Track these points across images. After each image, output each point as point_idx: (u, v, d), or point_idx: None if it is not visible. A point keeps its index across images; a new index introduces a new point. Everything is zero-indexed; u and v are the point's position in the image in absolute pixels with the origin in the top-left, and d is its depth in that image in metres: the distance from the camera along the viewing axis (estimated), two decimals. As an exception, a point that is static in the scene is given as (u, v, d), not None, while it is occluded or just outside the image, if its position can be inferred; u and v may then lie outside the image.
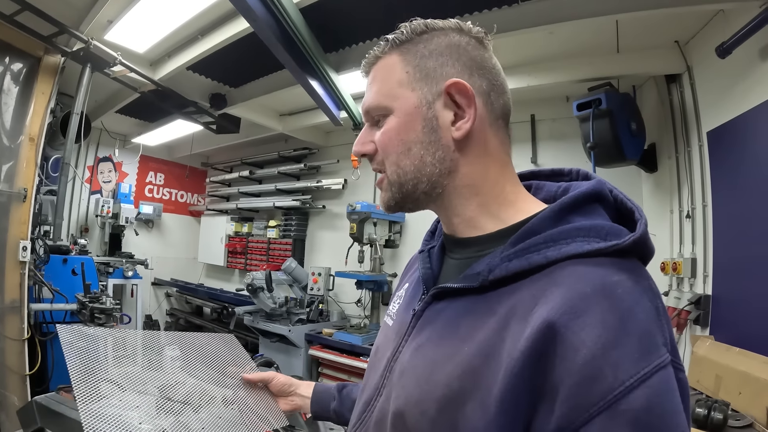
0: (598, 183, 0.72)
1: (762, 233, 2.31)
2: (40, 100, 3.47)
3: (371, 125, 0.81)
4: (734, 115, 2.57)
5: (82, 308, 2.99)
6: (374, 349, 0.94)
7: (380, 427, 0.77)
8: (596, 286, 0.58)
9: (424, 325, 0.77)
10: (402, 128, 0.76)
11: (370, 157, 0.81)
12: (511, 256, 0.67)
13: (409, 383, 0.72)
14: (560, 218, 0.69)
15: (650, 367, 0.53)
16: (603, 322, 0.55)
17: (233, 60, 3.80)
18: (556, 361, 0.56)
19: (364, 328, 4.32)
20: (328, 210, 5.76)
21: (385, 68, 0.78)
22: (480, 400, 0.60)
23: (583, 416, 0.53)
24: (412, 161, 0.75)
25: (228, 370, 1.32)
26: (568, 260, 0.63)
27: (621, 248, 0.63)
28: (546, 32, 2.91)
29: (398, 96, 0.76)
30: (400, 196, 0.78)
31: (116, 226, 5.99)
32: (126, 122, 5.81)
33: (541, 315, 0.58)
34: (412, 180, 0.76)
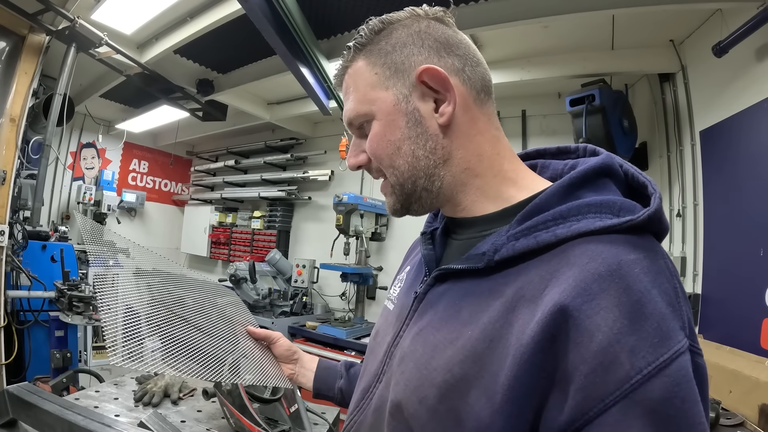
0: (608, 157, 0.69)
1: (752, 234, 2.32)
2: (23, 80, 3.37)
3: (358, 137, 0.80)
4: (728, 115, 2.57)
5: (60, 296, 2.91)
6: (374, 334, 0.91)
7: (378, 415, 0.74)
8: (611, 266, 0.55)
9: (425, 308, 0.74)
10: (387, 129, 0.74)
11: (367, 167, 0.80)
12: (518, 234, 0.64)
13: (408, 369, 0.69)
14: (569, 194, 0.66)
15: (669, 354, 0.50)
16: (619, 306, 0.52)
17: (222, 45, 3.72)
18: (569, 347, 0.53)
19: (349, 322, 4.28)
20: (313, 201, 5.71)
21: (354, 75, 0.77)
22: (484, 388, 0.58)
23: (597, 406, 0.50)
24: (405, 159, 0.74)
25: (236, 318, 1.29)
26: (579, 238, 0.60)
27: (635, 224, 0.59)
28: (540, 26, 2.90)
29: (374, 99, 0.74)
30: (404, 197, 0.76)
31: (98, 214, 5.86)
32: (110, 107, 5.69)
33: (552, 298, 0.55)
34: (410, 178, 0.74)
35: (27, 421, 1.33)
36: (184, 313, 1.17)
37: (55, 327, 2.96)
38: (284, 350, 1.24)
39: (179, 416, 1.77)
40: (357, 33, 0.76)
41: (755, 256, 2.26)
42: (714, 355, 2.29)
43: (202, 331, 1.12)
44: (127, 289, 1.21)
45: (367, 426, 0.78)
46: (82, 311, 2.85)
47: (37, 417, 1.28)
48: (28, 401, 1.30)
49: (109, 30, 3.53)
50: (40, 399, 1.31)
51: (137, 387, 1.99)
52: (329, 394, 1.19)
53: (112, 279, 1.24)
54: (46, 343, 3.05)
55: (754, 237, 2.29)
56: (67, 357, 2.87)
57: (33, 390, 1.38)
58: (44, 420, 1.26)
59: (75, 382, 2.61)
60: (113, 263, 1.44)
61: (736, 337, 2.32)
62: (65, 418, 1.21)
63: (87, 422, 1.20)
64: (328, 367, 1.23)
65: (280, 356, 1.24)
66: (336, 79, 0.81)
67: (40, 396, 1.33)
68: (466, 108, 0.73)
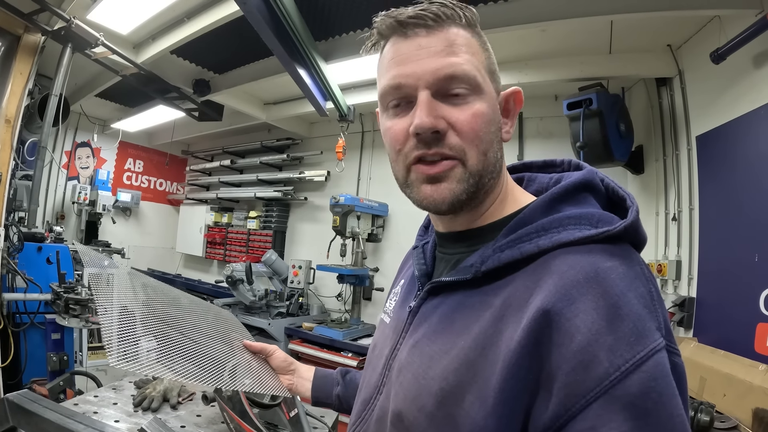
0: (589, 172, 0.73)
1: (748, 239, 2.34)
2: (18, 81, 3.34)
3: (437, 97, 0.69)
4: (725, 121, 2.59)
5: (56, 298, 2.89)
6: (372, 347, 0.94)
7: (380, 425, 0.77)
8: (588, 273, 0.58)
9: (420, 321, 0.77)
10: (491, 116, 0.71)
11: (433, 138, 0.68)
12: (503, 246, 0.68)
13: (407, 380, 0.72)
14: (551, 208, 0.69)
15: (645, 351, 0.53)
16: (596, 309, 0.55)
17: (219, 45, 3.71)
18: (552, 348, 0.56)
19: (345, 323, 4.28)
20: (309, 202, 5.70)
21: (467, 41, 0.70)
22: (478, 393, 0.60)
23: (579, 402, 0.53)
24: (494, 154, 0.72)
25: (231, 334, 1.30)
26: (560, 248, 0.63)
27: (612, 234, 0.63)
28: (538, 30, 2.90)
29: (486, 80, 0.71)
30: (475, 189, 0.71)
31: (93, 214, 5.84)
32: (106, 107, 5.66)
33: (536, 304, 0.59)
34: (491, 173, 0.72)
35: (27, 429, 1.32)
36: (181, 328, 1.18)
37: (51, 330, 2.94)
38: (281, 362, 1.25)
39: (179, 421, 1.76)
40: (458, 5, 0.71)
41: (750, 260, 2.28)
42: (708, 358, 2.31)
43: (199, 344, 1.13)
44: (122, 290, 1.22)
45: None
46: (79, 314, 2.83)
47: (37, 425, 1.27)
48: (28, 409, 1.30)
49: (105, 30, 3.51)
50: (40, 407, 1.31)
51: (136, 391, 1.98)
52: (327, 401, 1.22)
53: (107, 280, 1.25)
54: (43, 345, 3.03)
55: (750, 242, 2.31)
56: (64, 360, 2.86)
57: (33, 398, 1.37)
58: (45, 428, 1.25)
59: (71, 384, 2.60)
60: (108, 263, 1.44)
61: (730, 341, 2.34)
62: (66, 426, 1.21)
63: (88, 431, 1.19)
64: (325, 376, 1.25)
65: (278, 368, 1.25)
66: (434, 18, 0.69)
67: (40, 404, 1.33)
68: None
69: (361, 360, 3.66)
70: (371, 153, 5.16)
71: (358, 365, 3.62)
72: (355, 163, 5.16)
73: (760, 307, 2.18)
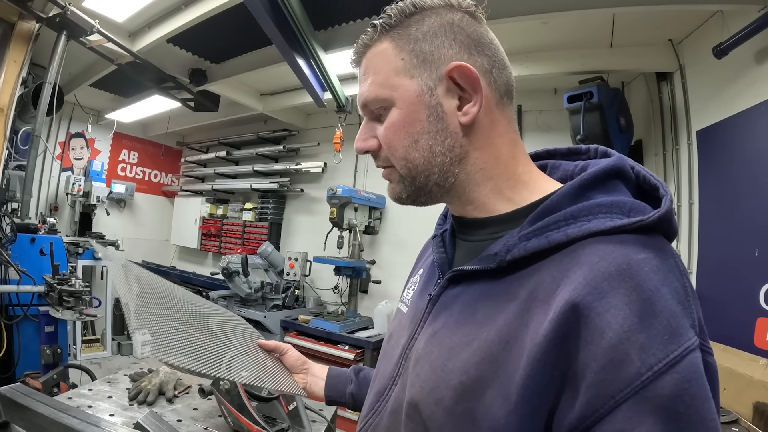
0: (619, 159, 0.69)
1: (748, 233, 2.33)
2: (12, 69, 3.29)
3: (370, 119, 0.77)
4: (725, 116, 2.58)
5: (50, 290, 2.85)
6: (387, 337, 0.91)
7: (395, 417, 0.74)
8: (620, 265, 0.55)
9: (440, 310, 0.74)
10: (406, 120, 0.72)
11: (374, 153, 0.77)
12: (530, 234, 0.64)
13: (424, 371, 0.69)
14: (580, 195, 0.66)
15: (679, 351, 0.50)
16: (629, 304, 0.52)
17: (216, 34, 3.67)
18: (580, 345, 0.53)
19: (342, 316, 4.27)
20: (306, 194, 5.67)
21: (377, 57, 0.73)
22: (500, 389, 0.58)
23: (608, 403, 0.50)
24: (421, 153, 0.72)
25: (245, 334, 1.28)
26: (589, 238, 0.60)
27: (645, 224, 0.59)
28: (540, 21, 2.88)
29: (397, 86, 0.72)
30: (413, 189, 0.75)
31: (87, 205, 5.79)
32: (100, 97, 5.59)
33: (563, 297, 0.56)
34: (423, 172, 0.73)
35: (20, 424, 1.29)
36: (198, 323, 1.16)
37: (44, 322, 2.91)
38: (294, 360, 1.22)
39: (175, 415, 1.74)
40: (384, 12, 0.73)
41: (750, 255, 2.27)
42: (709, 353, 2.31)
43: (216, 340, 1.11)
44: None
45: (383, 428, 0.78)
46: (73, 306, 2.80)
47: (31, 420, 1.24)
48: (21, 404, 1.27)
49: (100, 17, 3.47)
50: (33, 401, 1.28)
51: (131, 385, 1.96)
52: (341, 400, 1.19)
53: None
54: (36, 338, 3.00)
55: (750, 237, 2.31)
56: (57, 353, 2.83)
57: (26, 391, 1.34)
58: (39, 423, 1.22)
59: (65, 377, 2.57)
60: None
61: (730, 335, 2.33)
62: (60, 421, 1.18)
63: (83, 426, 1.17)
64: (338, 374, 1.22)
65: (291, 366, 1.22)
66: (355, 56, 0.77)
67: (33, 398, 1.30)
68: (488, 110, 0.71)
69: (358, 353, 3.65)
70: (368, 145, 5.11)
71: (356, 358, 3.61)
72: (352, 155, 5.12)
73: (760, 302, 2.18)
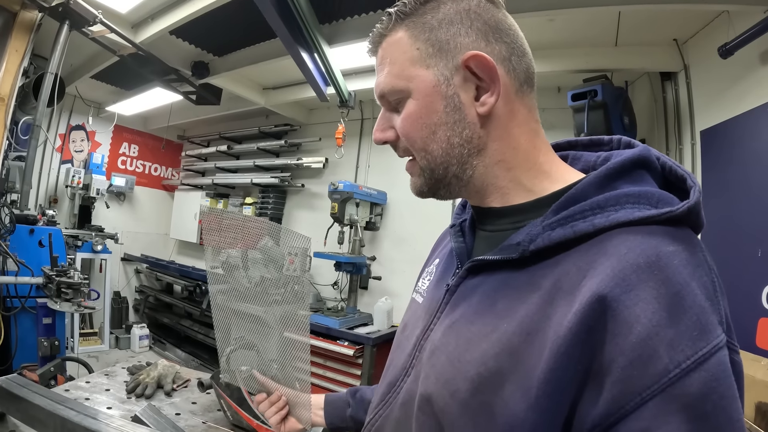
0: (645, 149, 0.67)
1: (751, 234, 2.33)
2: (13, 58, 3.27)
3: (388, 110, 0.76)
4: (729, 116, 2.58)
5: (48, 282, 2.84)
6: (401, 327, 0.89)
7: (406, 409, 0.72)
8: (650, 257, 0.53)
9: (458, 301, 0.72)
10: (423, 111, 0.70)
11: (393, 144, 0.77)
12: (554, 224, 0.62)
13: (440, 362, 0.67)
14: (606, 185, 0.64)
15: (708, 348, 0.49)
16: (658, 298, 0.50)
17: (220, 27, 3.65)
18: (606, 338, 0.51)
19: (341, 311, 4.25)
20: (306, 189, 5.65)
21: (393, 47, 0.72)
22: (520, 382, 0.56)
23: (634, 400, 0.49)
24: (439, 145, 0.70)
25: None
26: (617, 228, 0.58)
27: (675, 216, 0.58)
28: (546, 18, 2.87)
29: (413, 76, 0.70)
30: (433, 182, 0.74)
31: (87, 198, 5.77)
32: (102, 89, 5.57)
33: (590, 288, 0.54)
34: (442, 164, 0.72)
35: (16, 415, 1.28)
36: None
37: (42, 314, 2.90)
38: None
39: (173, 408, 1.74)
40: (392, 9, 0.72)
41: (753, 256, 2.27)
42: (710, 354, 2.31)
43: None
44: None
45: (393, 420, 0.76)
46: (71, 298, 2.79)
47: (27, 412, 1.23)
48: (17, 395, 1.25)
49: (103, 8, 3.44)
50: (30, 393, 1.27)
51: (129, 378, 1.95)
52: (343, 425, 1.15)
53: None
54: (34, 330, 2.98)
55: (753, 237, 2.30)
56: (55, 345, 2.82)
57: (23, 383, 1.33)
58: (35, 415, 1.21)
59: (62, 370, 2.56)
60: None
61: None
62: (57, 413, 1.17)
63: (80, 418, 1.16)
64: (335, 400, 1.18)
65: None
66: (371, 46, 0.76)
67: (30, 389, 1.29)
68: (507, 99, 0.69)
69: (357, 349, 3.63)
70: (370, 141, 5.08)
71: (355, 354, 3.60)
72: (353, 150, 5.11)
73: (762, 302, 2.18)
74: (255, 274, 1.40)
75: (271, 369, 1.23)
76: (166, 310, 6.28)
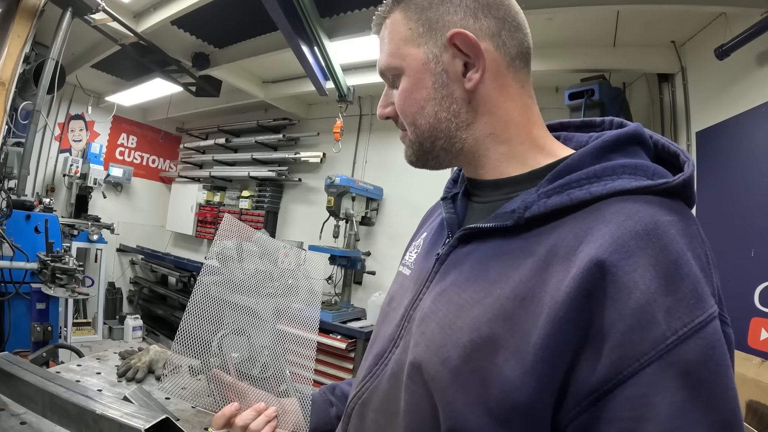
0: (638, 126, 0.68)
1: (744, 234, 2.34)
2: (15, 44, 3.26)
3: (390, 87, 0.79)
4: (725, 118, 2.59)
5: (43, 267, 2.84)
6: (387, 300, 0.88)
7: (395, 379, 0.71)
8: (648, 225, 0.54)
9: (448, 269, 0.72)
10: (413, 87, 0.73)
11: (394, 119, 0.80)
12: (550, 192, 0.63)
13: (430, 330, 0.67)
14: (602, 156, 0.65)
15: (704, 317, 0.50)
16: (656, 265, 0.51)
17: (221, 18, 3.64)
18: (606, 303, 0.52)
19: (335, 305, 4.25)
20: (303, 183, 5.66)
21: (390, 27, 0.76)
22: (514, 349, 0.56)
23: (632, 366, 0.49)
24: (426, 120, 0.73)
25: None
26: (614, 197, 0.59)
27: (670, 187, 0.59)
28: (546, 17, 2.87)
29: (405, 54, 0.73)
30: (421, 153, 0.77)
31: (84, 188, 5.76)
32: (102, 79, 5.56)
33: (588, 253, 0.54)
34: (429, 138, 0.74)
35: (5, 392, 1.28)
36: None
37: (36, 299, 2.89)
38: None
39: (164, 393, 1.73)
40: None
41: (746, 256, 2.28)
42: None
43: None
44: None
45: (381, 392, 0.75)
46: (65, 283, 2.79)
47: (17, 388, 1.23)
48: (7, 371, 1.25)
49: (106, -4, 3.44)
50: (20, 369, 1.27)
51: (120, 362, 1.96)
52: (326, 428, 1.03)
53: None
54: (27, 315, 2.98)
55: (746, 237, 2.32)
56: (48, 331, 2.81)
57: (12, 360, 1.33)
58: (24, 391, 1.21)
59: (55, 357, 2.56)
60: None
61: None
62: (46, 389, 1.17)
63: (69, 394, 1.16)
64: (316, 402, 1.05)
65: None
66: (374, 28, 0.80)
67: (20, 366, 1.29)
68: (497, 74, 0.70)
69: (350, 342, 3.64)
70: (368, 137, 5.11)
71: (347, 348, 3.60)
72: (351, 146, 5.11)
73: (754, 302, 2.19)
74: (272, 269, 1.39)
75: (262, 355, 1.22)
76: (160, 302, 6.27)
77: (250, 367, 1.58)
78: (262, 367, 1.61)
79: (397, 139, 0.81)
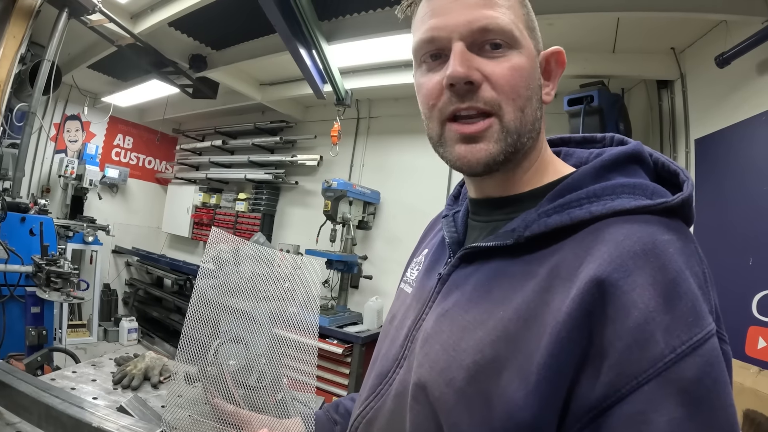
0: (638, 145, 0.69)
1: (742, 242, 2.34)
2: (11, 44, 3.24)
3: (471, 50, 0.65)
4: (725, 125, 2.59)
5: (38, 271, 2.81)
6: (389, 318, 0.87)
7: (400, 400, 0.70)
8: (646, 244, 0.55)
9: (450, 289, 0.71)
10: (530, 71, 0.67)
11: (466, 90, 0.65)
12: (550, 211, 0.63)
13: (434, 351, 0.66)
14: (601, 176, 0.65)
15: (702, 334, 0.50)
16: (654, 284, 0.52)
17: (218, 20, 3.63)
18: (605, 322, 0.52)
19: (332, 310, 4.24)
20: (300, 186, 5.64)
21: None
22: (517, 369, 0.56)
23: (630, 384, 0.49)
24: (532, 111, 0.68)
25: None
26: (613, 217, 0.59)
27: (669, 207, 0.60)
28: (546, 23, 2.86)
29: (525, 35, 0.68)
30: (513, 149, 0.67)
31: (79, 189, 5.73)
32: (98, 79, 5.53)
33: (588, 273, 0.55)
34: (528, 132, 0.68)
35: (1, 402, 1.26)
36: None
37: (31, 303, 2.87)
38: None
39: (159, 401, 1.72)
40: None
41: (744, 264, 2.28)
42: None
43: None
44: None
45: (386, 411, 0.73)
46: (60, 287, 2.76)
47: (12, 398, 1.22)
48: (2, 381, 1.24)
49: (103, -4, 3.43)
50: (15, 379, 1.25)
51: (116, 369, 1.94)
52: None
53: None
54: (21, 319, 2.95)
55: (744, 246, 2.31)
56: (43, 334, 2.79)
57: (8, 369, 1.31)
58: (19, 402, 1.20)
59: (50, 360, 2.53)
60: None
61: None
62: (42, 400, 1.16)
63: (65, 406, 1.15)
64: (320, 420, 1.03)
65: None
66: None
67: (15, 376, 1.27)
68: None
69: (346, 347, 3.63)
70: (365, 140, 5.09)
71: (344, 353, 3.59)
72: (348, 149, 5.10)
73: (752, 311, 2.19)
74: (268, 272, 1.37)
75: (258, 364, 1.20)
76: (155, 304, 6.23)
77: (246, 375, 1.57)
78: (258, 375, 1.60)
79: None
